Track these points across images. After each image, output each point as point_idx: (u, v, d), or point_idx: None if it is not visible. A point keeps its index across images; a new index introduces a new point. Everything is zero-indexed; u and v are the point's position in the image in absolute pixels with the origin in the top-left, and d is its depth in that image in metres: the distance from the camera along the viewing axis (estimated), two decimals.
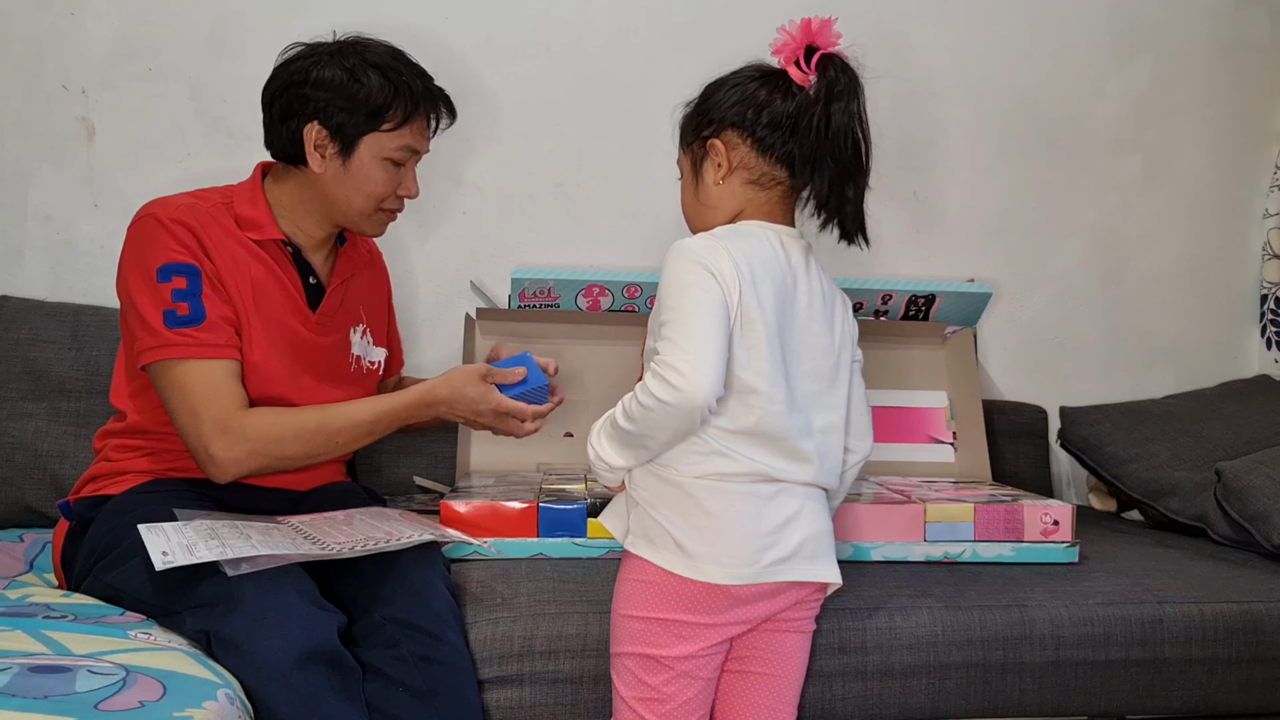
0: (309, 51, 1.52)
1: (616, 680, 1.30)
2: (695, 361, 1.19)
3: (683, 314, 1.21)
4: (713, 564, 1.23)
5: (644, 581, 1.27)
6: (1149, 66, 2.37)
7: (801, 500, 1.27)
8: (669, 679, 1.26)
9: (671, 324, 1.22)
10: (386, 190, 1.55)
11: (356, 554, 1.33)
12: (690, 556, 1.24)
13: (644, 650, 1.26)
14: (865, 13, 2.26)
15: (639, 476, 1.30)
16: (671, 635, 1.25)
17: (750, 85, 1.33)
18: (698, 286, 1.22)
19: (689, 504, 1.25)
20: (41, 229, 2.09)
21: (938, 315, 2.11)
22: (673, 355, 1.19)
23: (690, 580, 1.23)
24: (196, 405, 1.42)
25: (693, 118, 1.36)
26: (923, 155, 2.31)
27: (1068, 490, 2.40)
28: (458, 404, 1.52)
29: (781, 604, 1.28)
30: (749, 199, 1.33)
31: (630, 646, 1.28)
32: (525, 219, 2.21)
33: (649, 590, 1.26)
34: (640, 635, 1.26)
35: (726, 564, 1.23)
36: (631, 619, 1.27)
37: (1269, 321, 2.41)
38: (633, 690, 1.28)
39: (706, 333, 1.20)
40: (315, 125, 1.49)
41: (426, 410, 1.53)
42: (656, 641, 1.26)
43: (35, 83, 2.07)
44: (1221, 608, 1.54)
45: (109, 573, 1.39)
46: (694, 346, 1.19)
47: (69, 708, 1.02)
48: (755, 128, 1.30)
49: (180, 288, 1.43)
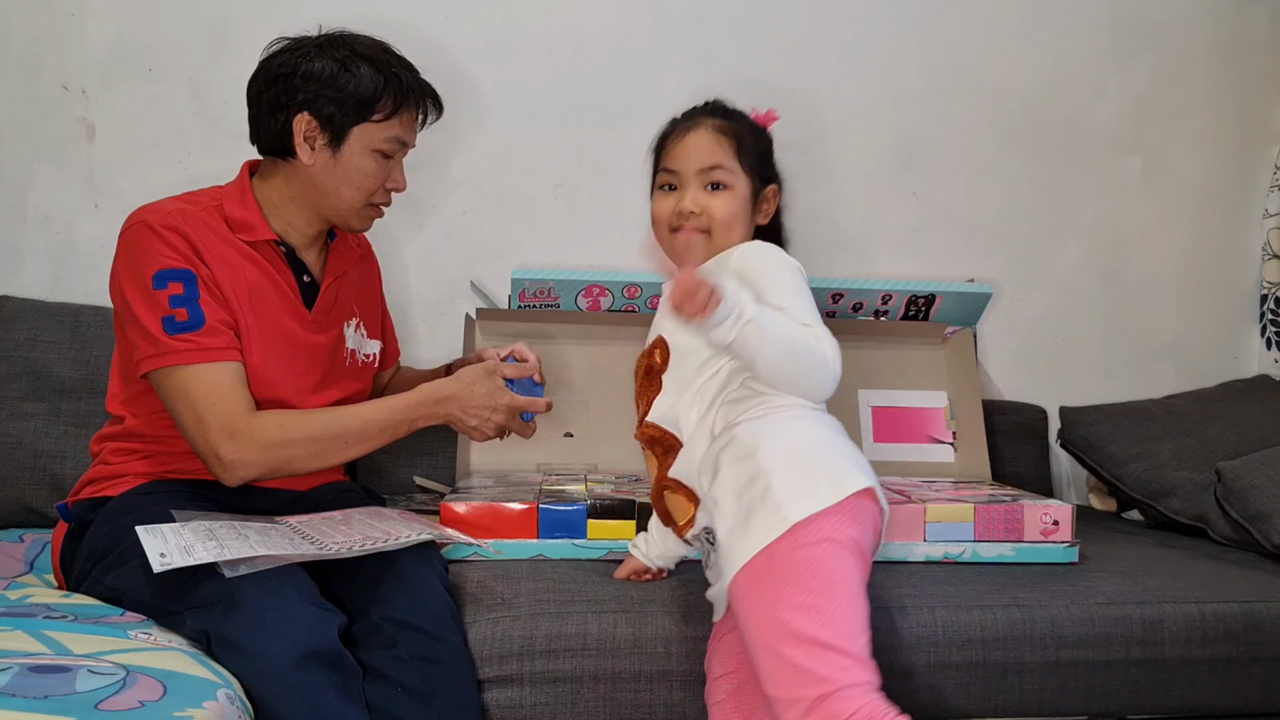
0: (296, 45, 1.52)
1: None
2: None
3: (815, 311, 1.36)
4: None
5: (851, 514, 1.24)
6: (1149, 66, 2.37)
7: None
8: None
9: (817, 320, 1.34)
10: (376, 182, 1.54)
11: (355, 554, 1.33)
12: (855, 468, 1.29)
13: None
14: (866, 12, 2.26)
15: (770, 438, 1.29)
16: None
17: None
18: (805, 283, 1.39)
19: (821, 430, 1.32)
20: (41, 229, 2.09)
21: (938, 315, 2.11)
22: (836, 347, 1.32)
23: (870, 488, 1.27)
24: (202, 411, 1.42)
25: (761, 165, 1.47)
26: (923, 155, 2.31)
27: (1068, 490, 2.40)
28: (468, 400, 1.51)
29: None
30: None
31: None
32: (525, 219, 2.21)
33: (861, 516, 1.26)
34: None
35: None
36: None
37: (1269, 321, 2.41)
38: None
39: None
40: (305, 116, 1.49)
41: (437, 408, 1.51)
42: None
43: (35, 83, 2.07)
44: (1221, 608, 1.54)
45: (108, 574, 1.40)
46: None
47: (69, 708, 1.02)
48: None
49: (177, 294, 1.43)
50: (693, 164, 1.43)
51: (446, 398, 1.51)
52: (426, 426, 1.53)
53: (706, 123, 1.45)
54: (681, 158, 1.43)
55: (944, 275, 2.25)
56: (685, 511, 1.38)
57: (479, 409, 1.51)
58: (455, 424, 1.53)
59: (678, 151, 1.44)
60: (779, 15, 2.24)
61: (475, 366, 1.56)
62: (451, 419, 1.52)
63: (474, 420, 1.52)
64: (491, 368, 1.54)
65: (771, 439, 1.28)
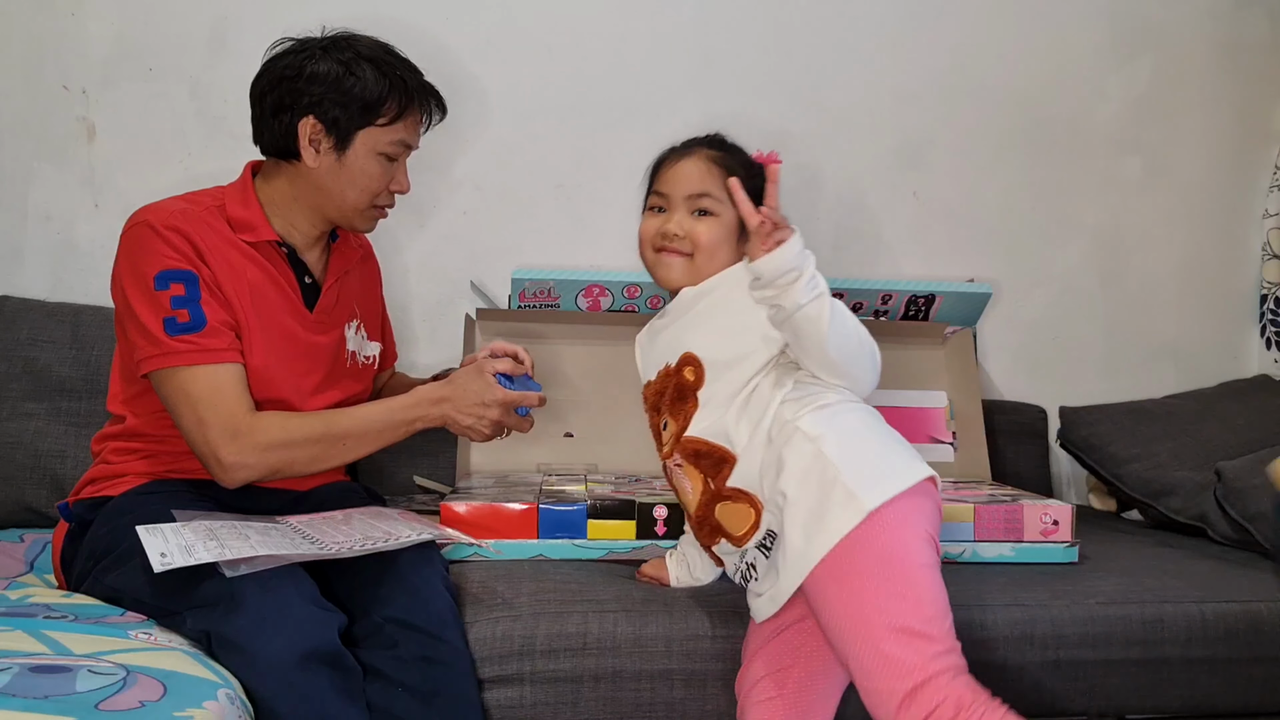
0: (299, 46, 1.52)
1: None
2: None
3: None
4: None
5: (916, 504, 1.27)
6: (1149, 66, 2.37)
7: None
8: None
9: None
10: (380, 185, 1.54)
11: (355, 554, 1.33)
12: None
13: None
14: (866, 12, 2.26)
15: (831, 433, 1.30)
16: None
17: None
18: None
19: (878, 422, 1.35)
20: (41, 229, 2.09)
21: (938, 315, 2.12)
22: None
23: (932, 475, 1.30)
24: (203, 411, 1.42)
25: (749, 181, 1.42)
26: (923, 155, 2.31)
27: (1068, 490, 2.40)
28: (462, 400, 1.51)
29: None
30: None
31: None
32: (525, 219, 2.21)
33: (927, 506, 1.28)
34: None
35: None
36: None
37: (1269, 321, 2.41)
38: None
39: None
40: (310, 119, 1.49)
41: (432, 409, 1.52)
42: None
43: (35, 83, 2.07)
44: (1221, 608, 1.54)
45: (108, 574, 1.39)
46: None
47: (69, 708, 1.02)
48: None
49: (179, 294, 1.43)
50: (682, 189, 1.43)
51: (441, 399, 1.52)
52: (425, 429, 1.53)
53: (701, 152, 1.45)
54: (672, 182, 1.44)
55: (944, 275, 2.26)
56: (746, 519, 1.34)
57: (472, 407, 1.52)
58: (451, 425, 1.54)
59: (669, 176, 1.45)
60: (779, 15, 2.24)
61: (467, 367, 1.56)
62: (447, 420, 1.53)
63: (469, 420, 1.52)
64: (482, 366, 1.54)
65: (834, 431, 1.30)
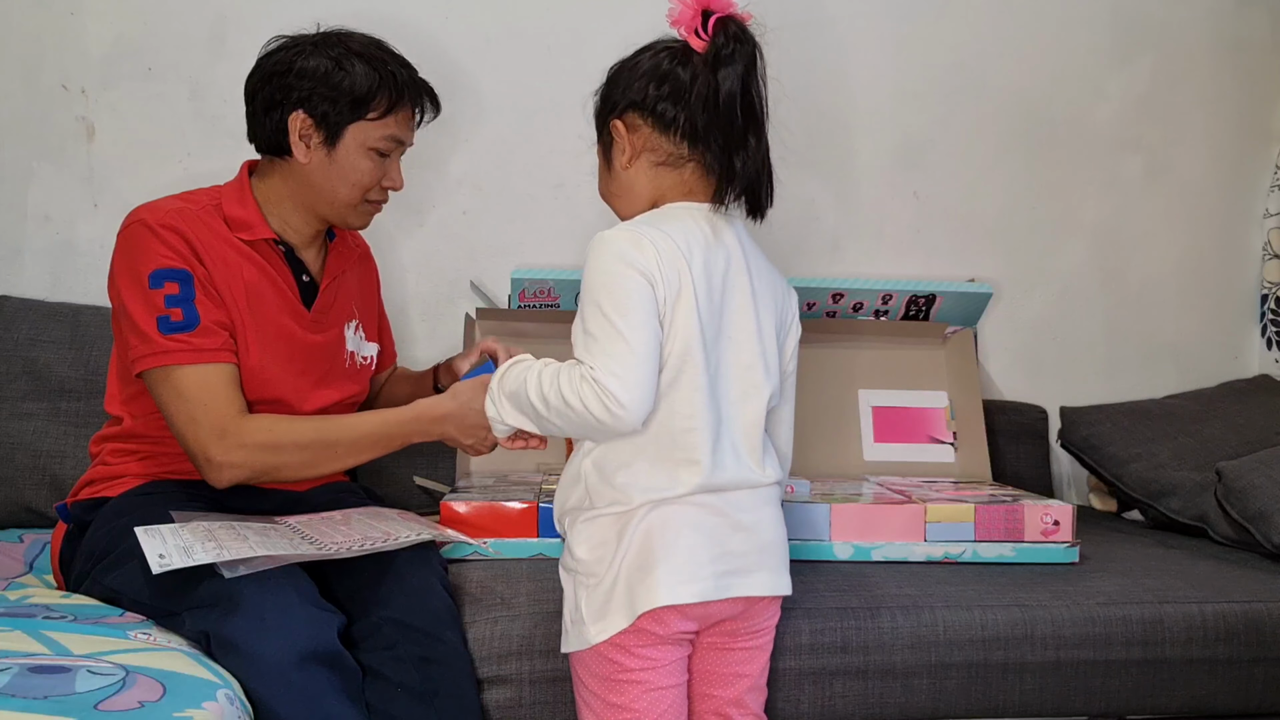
0: (291, 43, 1.52)
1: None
2: (634, 386, 1.14)
3: (617, 322, 1.16)
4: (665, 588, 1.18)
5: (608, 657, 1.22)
6: (1149, 66, 2.37)
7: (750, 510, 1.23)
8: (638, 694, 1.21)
9: (606, 336, 1.16)
10: (372, 181, 1.53)
11: (354, 554, 1.33)
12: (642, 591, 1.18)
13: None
14: (866, 11, 2.26)
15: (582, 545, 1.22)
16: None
17: (649, 60, 1.25)
18: (625, 290, 1.16)
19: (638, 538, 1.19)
20: (41, 229, 2.09)
21: (938, 315, 2.11)
22: (610, 376, 1.14)
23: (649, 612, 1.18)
24: (194, 411, 1.41)
25: (598, 103, 1.31)
26: (923, 155, 2.31)
27: (1068, 490, 2.40)
28: (465, 419, 1.44)
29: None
30: (663, 181, 1.26)
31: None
32: (525, 219, 2.21)
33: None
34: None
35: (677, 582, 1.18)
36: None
37: (1269, 321, 2.41)
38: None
39: (642, 349, 1.15)
40: (300, 114, 1.48)
41: (432, 426, 1.46)
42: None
43: (35, 83, 2.07)
44: (1222, 608, 1.54)
45: (107, 575, 1.39)
46: (633, 367, 1.14)
47: (69, 708, 1.02)
48: (655, 104, 1.23)
49: (173, 293, 1.42)
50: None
51: (443, 416, 1.46)
52: (420, 443, 1.49)
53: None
54: None
55: (944, 275, 2.25)
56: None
57: (476, 428, 1.44)
58: (451, 442, 1.48)
59: None
60: (779, 15, 2.23)
61: (471, 382, 1.48)
62: (446, 438, 1.47)
63: (470, 439, 1.46)
64: (486, 381, 1.51)
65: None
